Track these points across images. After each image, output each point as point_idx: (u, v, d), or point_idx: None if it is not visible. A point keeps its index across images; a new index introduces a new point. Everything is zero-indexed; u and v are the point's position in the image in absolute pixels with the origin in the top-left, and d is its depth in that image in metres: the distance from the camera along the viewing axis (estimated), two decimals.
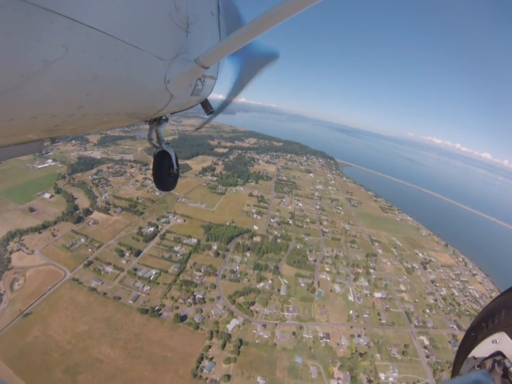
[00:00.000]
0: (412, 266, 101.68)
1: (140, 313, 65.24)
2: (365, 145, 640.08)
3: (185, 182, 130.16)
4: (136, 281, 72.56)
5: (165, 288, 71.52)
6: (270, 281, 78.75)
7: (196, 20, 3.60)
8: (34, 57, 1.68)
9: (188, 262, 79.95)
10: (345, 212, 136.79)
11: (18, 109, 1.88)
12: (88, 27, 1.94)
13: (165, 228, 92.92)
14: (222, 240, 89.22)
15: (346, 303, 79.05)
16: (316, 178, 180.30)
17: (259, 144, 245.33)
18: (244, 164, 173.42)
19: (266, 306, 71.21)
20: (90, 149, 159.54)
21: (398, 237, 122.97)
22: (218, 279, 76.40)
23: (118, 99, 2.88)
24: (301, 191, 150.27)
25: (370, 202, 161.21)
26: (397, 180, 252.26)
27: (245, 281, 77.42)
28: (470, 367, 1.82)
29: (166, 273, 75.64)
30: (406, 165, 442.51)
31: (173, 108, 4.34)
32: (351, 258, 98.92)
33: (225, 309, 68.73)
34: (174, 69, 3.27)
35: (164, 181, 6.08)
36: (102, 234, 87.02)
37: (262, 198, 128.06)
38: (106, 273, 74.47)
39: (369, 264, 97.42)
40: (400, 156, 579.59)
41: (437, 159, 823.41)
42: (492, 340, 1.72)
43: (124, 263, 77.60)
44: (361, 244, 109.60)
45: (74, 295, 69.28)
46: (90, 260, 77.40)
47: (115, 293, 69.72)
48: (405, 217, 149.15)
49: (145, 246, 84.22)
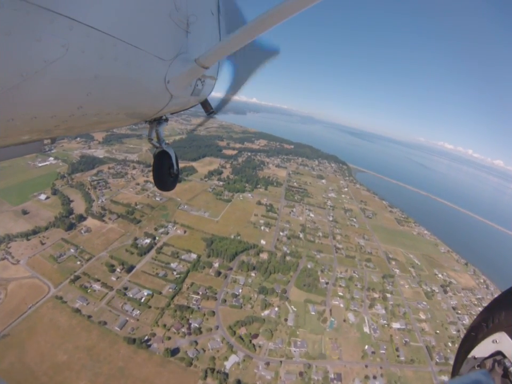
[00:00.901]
0: (432, 289, 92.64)
1: (127, 343, 57.05)
2: (377, 149, 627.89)
3: (189, 187, 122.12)
4: (126, 303, 64.44)
5: (156, 313, 63.09)
6: (277, 308, 69.55)
7: (196, 19, 3.58)
8: (34, 57, 1.68)
9: (184, 281, 71.31)
10: (360, 225, 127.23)
11: (18, 109, 1.90)
12: (88, 27, 1.96)
13: (162, 240, 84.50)
14: (225, 256, 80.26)
15: (361, 336, 69.80)
16: (328, 185, 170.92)
17: (269, 146, 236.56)
18: (253, 167, 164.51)
19: (271, 339, 62.09)
20: (94, 147, 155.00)
21: (416, 254, 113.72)
22: (218, 304, 67.47)
23: (118, 99, 2.87)
24: (313, 200, 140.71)
25: (385, 213, 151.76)
26: (412, 188, 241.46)
27: (248, 307, 68.30)
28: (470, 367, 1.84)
29: (159, 294, 67.22)
30: (419, 171, 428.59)
31: (173, 108, 4.34)
32: (367, 280, 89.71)
33: (223, 341, 59.84)
34: (174, 69, 3.26)
35: (164, 181, 5.95)
36: (94, 244, 79.35)
37: (271, 207, 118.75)
38: (94, 291, 66.65)
39: (386, 288, 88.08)
40: (413, 161, 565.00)
41: (448, 165, 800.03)
42: (492, 340, 1.73)
43: (113, 280, 69.64)
44: (377, 263, 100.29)
45: (56, 316, 61.74)
46: (77, 275, 69.80)
47: (101, 317, 61.77)
48: (421, 230, 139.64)
49: (139, 260, 76.06)
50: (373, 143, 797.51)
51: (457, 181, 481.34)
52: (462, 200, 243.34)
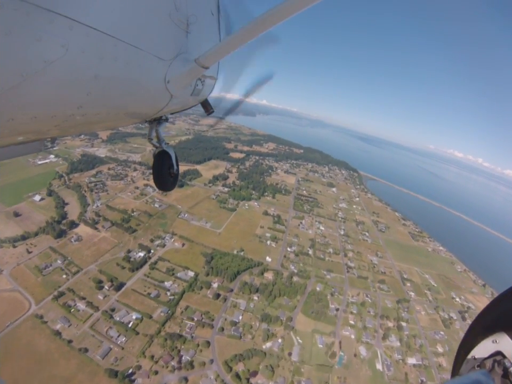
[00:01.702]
0: (449, 316, 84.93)
1: (108, 375, 50.22)
2: (387, 156, 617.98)
3: (192, 192, 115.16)
4: (111, 327, 57.46)
5: (144, 341, 55.77)
6: (280, 339, 61.62)
7: (196, 19, 3.58)
8: (34, 57, 1.69)
9: (178, 304, 63.82)
10: (372, 239, 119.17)
11: (18, 109, 1.91)
12: (88, 27, 1.97)
13: (158, 254, 77.22)
14: (226, 276, 72.58)
15: (373, 374, 62.21)
16: (339, 193, 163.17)
17: (278, 150, 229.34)
18: (260, 173, 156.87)
19: (272, 378, 54.27)
20: (97, 146, 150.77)
21: (432, 274, 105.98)
22: (214, 333, 59.73)
23: (118, 99, 2.86)
24: (323, 210, 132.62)
25: (398, 227, 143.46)
26: (424, 198, 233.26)
27: (248, 338, 60.45)
28: (470, 367, 1.84)
29: (149, 319, 59.94)
30: (430, 180, 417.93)
31: (173, 107, 4.30)
32: (380, 305, 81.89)
33: (218, 379, 52.19)
34: (174, 69, 3.24)
35: (164, 181, 5.88)
36: (83, 256, 72.74)
37: (279, 218, 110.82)
38: (77, 311, 59.98)
39: (401, 315, 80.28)
40: (423, 169, 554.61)
41: (458, 173, 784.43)
42: (492, 340, 1.73)
43: (100, 299, 62.75)
44: (391, 284, 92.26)
45: (34, 339, 55.33)
46: (61, 291, 63.34)
47: (82, 342, 54.96)
48: (436, 246, 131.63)
49: (130, 276, 69.00)
50: (383, 149, 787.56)
51: (468, 190, 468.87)
52: (474, 212, 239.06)
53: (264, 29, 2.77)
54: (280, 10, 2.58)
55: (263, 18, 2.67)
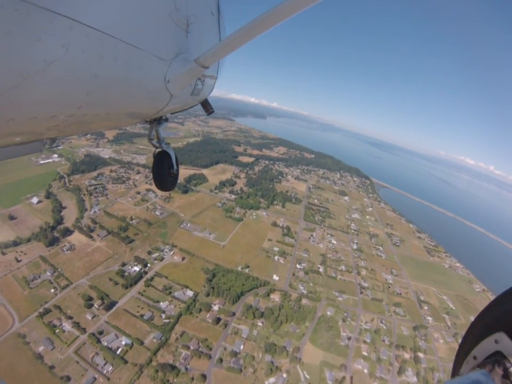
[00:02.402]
0: None
1: None
2: (398, 162, 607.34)
3: (196, 199, 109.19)
4: (98, 353, 51.56)
5: (133, 372, 49.62)
6: (285, 374, 54.68)
7: (196, 20, 3.55)
8: (34, 57, 1.69)
9: (174, 329, 57.52)
10: (387, 255, 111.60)
11: (18, 109, 1.91)
12: (88, 27, 1.96)
13: (155, 268, 71.18)
14: (228, 297, 66.03)
15: None
16: (351, 203, 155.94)
17: (289, 154, 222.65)
18: (270, 179, 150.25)
19: None
20: (102, 146, 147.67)
21: (449, 294, 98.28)
22: (212, 366, 53.05)
23: (118, 99, 2.86)
24: (335, 221, 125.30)
25: (413, 240, 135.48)
26: (438, 208, 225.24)
27: (249, 371, 53.54)
28: (470, 367, 1.83)
29: (140, 345, 53.76)
30: (442, 188, 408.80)
31: (173, 107, 4.30)
32: (395, 332, 74.62)
33: None
34: (174, 69, 3.23)
35: (164, 181, 5.73)
36: (74, 267, 67.36)
37: (288, 230, 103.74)
38: (63, 332, 54.47)
39: (418, 344, 72.72)
40: (435, 177, 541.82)
41: (469, 181, 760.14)
42: (492, 340, 1.71)
43: (88, 319, 57.03)
44: (408, 307, 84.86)
45: (14, 361, 50.19)
46: (47, 307, 57.91)
47: (65, 369, 49.31)
48: (453, 263, 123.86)
49: (123, 294, 63.12)
50: (394, 155, 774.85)
51: (479, 199, 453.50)
52: (485, 222, 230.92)
53: (264, 29, 2.75)
54: (280, 10, 2.55)
55: (263, 18, 2.65)
